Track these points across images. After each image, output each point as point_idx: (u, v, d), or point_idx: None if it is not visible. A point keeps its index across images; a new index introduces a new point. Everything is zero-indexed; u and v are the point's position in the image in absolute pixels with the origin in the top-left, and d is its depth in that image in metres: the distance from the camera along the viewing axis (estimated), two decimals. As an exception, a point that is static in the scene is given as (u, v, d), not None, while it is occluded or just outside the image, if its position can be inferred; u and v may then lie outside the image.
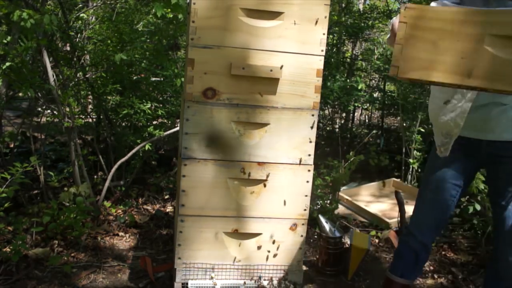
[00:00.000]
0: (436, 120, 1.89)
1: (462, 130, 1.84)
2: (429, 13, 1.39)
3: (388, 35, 1.79)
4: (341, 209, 3.49)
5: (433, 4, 1.81)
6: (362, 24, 5.05)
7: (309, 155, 2.12)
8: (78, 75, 3.52)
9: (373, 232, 3.14)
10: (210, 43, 1.96)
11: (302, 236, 2.17)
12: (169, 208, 3.37)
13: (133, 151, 3.20)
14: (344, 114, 5.85)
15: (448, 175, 1.95)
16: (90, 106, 4.20)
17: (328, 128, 5.36)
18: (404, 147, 4.20)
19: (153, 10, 3.30)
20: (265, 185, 2.10)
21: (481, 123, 1.82)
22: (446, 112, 1.84)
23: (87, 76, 3.46)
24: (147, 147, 3.24)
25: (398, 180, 4.13)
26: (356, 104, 4.82)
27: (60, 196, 2.84)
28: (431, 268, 2.76)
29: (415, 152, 3.94)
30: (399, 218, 3.11)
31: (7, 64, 2.59)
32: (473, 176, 2.01)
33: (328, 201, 3.25)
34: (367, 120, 6.99)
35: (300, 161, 2.11)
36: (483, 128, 1.82)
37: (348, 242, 2.67)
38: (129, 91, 3.50)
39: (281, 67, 2.01)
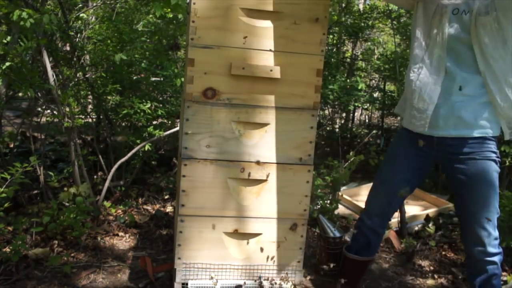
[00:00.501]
0: (411, 95, 1.97)
1: (416, 126, 1.94)
2: None
3: None
4: (341, 209, 3.49)
5: None
6: (362, 24, 5.05)
7: (309, 155, 2.12)
8: (78, 75, 3.51)
9: (373, 232, 3.14)
10: (210, 43, 1.96)
11: (302, 236, 2.17)
12: (169, 208, 3.37)
13: (133, 151, 3.20)
14: (344, 114, 5.85)
15: (398, 169, 2.05)
16: (90, 106, 4.19)
17: (328, 128, 5.36)
18: (404, 147, 4.18)
19: (153, 10, 3.30)
20: (265, 185, 2.10)
21: (432, 119, 1.89)
22: (421, 87, 1.92)
23: (87, 76, 3.46)
24: (147, 147, 3.24)
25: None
26: (356, 104, 4.81)
27: (60, 196, 2.83)
28: (431, 268, 2.76)
29: (415, 152, 3.93)
30: (399, 218, 3.11)
31: (7, 64, 2.59)
32: (427, 171, 2.07)
33: (328, 201, 3.25)
34: (367, 120, 6.99)
35: (300, 161, 2.11)
36: (433, 124, 1.89)
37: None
38: (129, 91, 3.50)
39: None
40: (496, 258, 1.93)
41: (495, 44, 1.79)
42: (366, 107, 5.64)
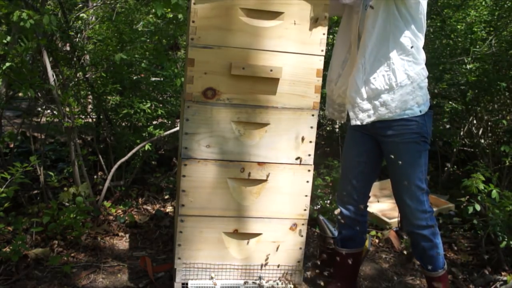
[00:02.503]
0: (331, 93, 2.20)
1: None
2: None
3: None
4: (341, 209, 3.48)
5: None
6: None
7: (309, 155, 2.12)
8: (78, 75, 3.51)
9: (373, 232, 3.14)
10: (210, 43, 1.96)
11: (302, 236, 2.17)
12: (169, 208, 3.37)
13: (133, 151, 3.20)
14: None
15: (353, 153, 2.20)
16: (90, 106, 4.19)
17: (328, 128, 5.35)
18: (404, 147, 4.18)
19: (153, 10, 3.29)
20: (265, 185, 2.10)
21: None
22: (340, 86, 2.14)
23: (87, 76, 3.46)
24: (147, 147, 3.23)
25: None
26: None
27: (60, 196, 2.83)
28: (431, 268, 2.75)
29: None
30: (399, 218, 3.11)
31: (7, 64, 2.59)
32: (378, 153, 2.17)
33: (328, 201, 3.25)
34: (367, 120, 6.97)
35: (300, 161, 2.11)
36: None
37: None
38: (129, 91, 3.50)
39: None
40: (425, 232, 2.06)
41: (372, 31, 1.93)
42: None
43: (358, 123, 2.02)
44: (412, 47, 1.94)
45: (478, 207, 2.63)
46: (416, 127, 1.99)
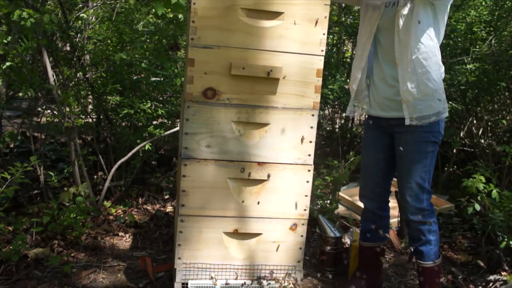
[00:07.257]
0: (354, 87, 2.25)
1: (372, 109, 2.21)
2: None
3: None
4: (341, 209, 3.49)
5: None
6: (362, 24, 5.04)
7: (309, 155, 2.12)
8: (78, 75, 3.51)
9: (373, 232, 3.14)
10: (210, 43, 1.96)
11: (302, 236, 2.17)
12: (169, 208, 3.37)
13: (133, 151, 3.20)
14: (344, 114, 5.84)
15: (372, 151, 2.26)
16: (90, 106, 4.19)
17: (328, 128, 5.36)
18: (404, 147, 4.17)
19: (153, 10, 3.29)
20: (265, 185, 2.10)
21: (379, 102, 2.16)
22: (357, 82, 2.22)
23: (87, 76, 3.46)
24: (147, 147, 3.23)
25: (398, 180, 4.12)
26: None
27: (60, 196, 2.84)
28: (431, 268, 2.75)
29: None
30: (399, 218, 3.10)
31: (7, 64, 2.59)
32: (394, 149, 2.19)
33: (328, 201, 3.25)
34: (367, 120, 6.97)
35: (300, 161, 2.11)
36: (380, 107, 2.16)
37: (348, 242, 2.67)
38: (129, 91, 3.50)
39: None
40: (421, 226, 2.11)
41: (407, 29, 1.96)
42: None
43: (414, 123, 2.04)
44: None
45: (478, 207, 2.63)
46: (429, 127, 2.04)
